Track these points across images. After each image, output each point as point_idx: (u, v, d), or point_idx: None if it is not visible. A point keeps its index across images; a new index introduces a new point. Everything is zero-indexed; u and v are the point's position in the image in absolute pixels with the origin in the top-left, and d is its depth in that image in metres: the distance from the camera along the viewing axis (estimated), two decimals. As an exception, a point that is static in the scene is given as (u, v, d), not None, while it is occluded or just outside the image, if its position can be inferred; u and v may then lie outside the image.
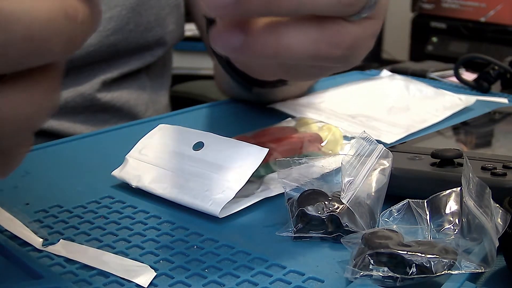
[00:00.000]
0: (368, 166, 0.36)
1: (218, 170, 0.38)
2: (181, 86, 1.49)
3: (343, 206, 0.34)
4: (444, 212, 0.32)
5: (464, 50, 1.81)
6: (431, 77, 0.80)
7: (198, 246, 0.33)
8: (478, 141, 0.54)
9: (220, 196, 0.37)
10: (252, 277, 0.30)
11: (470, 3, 1.88)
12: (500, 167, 0.36)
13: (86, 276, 0.30)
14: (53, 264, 0.31)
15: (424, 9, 1.99)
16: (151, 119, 0.60)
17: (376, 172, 0.36)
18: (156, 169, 0.41)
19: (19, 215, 0.35)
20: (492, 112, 0.59)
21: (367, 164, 0.36)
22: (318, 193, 0.36)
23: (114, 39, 0.69)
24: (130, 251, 0.33)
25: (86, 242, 0.34)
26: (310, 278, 0.30)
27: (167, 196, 0.39)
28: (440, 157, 0.38)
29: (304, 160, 0.40)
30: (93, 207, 0.38)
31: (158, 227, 0.36)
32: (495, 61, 0.73)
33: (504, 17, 1.81)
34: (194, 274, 0.31)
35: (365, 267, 0.29)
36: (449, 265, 0.28)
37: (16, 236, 0.34)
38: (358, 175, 0.35)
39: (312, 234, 0.34)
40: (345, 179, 0.35)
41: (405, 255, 0.28)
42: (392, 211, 0.33)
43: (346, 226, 0.33)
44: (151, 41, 0.73)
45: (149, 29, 0.72)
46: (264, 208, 0.38)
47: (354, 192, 0.34)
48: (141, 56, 0.73)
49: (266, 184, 0.41)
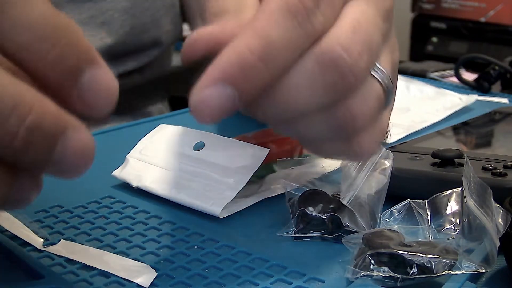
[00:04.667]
0: (369, 166, 0.36)
1: (219, 170, 0.38)
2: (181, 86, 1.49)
3: (343, 206, 0.34)
4: (445, 212, 0.32)
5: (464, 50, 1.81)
6: (431, 77, 0.80)
7: (199, 246, 0.33)
8: (479, 141, 0.54)
9: (221, 196, 0.37)
10: (253, 277, 0.30)
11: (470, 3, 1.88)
12: (501, 167, 0.36)
13: (87, 276, 0.30)
14: (53, 264, 0.31)
15: (424, 9, 1.99)
16: (151, 119, 0.60)
17: (377, 172, 0.36)
18: (156, 169, 0.41)
19: (19, 215, 0.35)
20: (492, 112, 0.59)
21: (367, 164, 0.36)
22: (319, 193, 0.36)
23: (109, 42, 0.68)
24: (131, 251, 0.33)
25: (87, 242, 0.34)
26: (311, 278, 0.30)
27: (167, 196, 0.39)
28: (440, 157, 0.38)
29: (305, 160, 0.40)
30: (94, 207, 0.38)
31: (158, 227, 0.36)
32: (495, 61, 0.73)
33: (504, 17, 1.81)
34: (195, 274, 0.31)
35: (366, 267, 0.29)
36: (449, 265, 0.28)
37: (17, 236, 0.34)
38: (359, 176, 0.35)
39: (313, 234, 0.34)
40: (344, 180, 0.35)
41: (405, 255, 0.28)
42: (393, 211, 0.33)
43: (347, 226, 0.33)
44: (147, 42, 0.73)
45: (144, 30, 0.72)
46: (264, 208, 0.38)
47: (354, 193, 0.34)
48: (137, 57, 0.73)
49: (266, 184, 0.40)
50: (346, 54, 0.27)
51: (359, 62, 0.28)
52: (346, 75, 0.27)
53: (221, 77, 0.26)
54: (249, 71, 0.26)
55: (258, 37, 0.26)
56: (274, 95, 0.27)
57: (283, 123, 0.29)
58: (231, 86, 0.26)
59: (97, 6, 0.68)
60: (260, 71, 0.26)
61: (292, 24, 0.27)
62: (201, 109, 0.26)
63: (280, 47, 0.26)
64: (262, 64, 0.26)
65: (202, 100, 0.26)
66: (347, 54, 0.27)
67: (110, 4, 0.68)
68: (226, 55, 0.26)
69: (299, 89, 0.27)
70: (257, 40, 0.26)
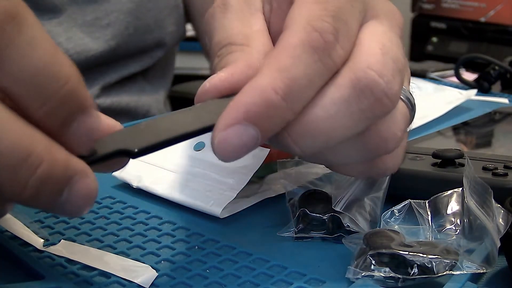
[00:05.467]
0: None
1: (219, 171, 0.38)
2: (181, 86, 1.49)
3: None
4: (446, 213, 0.32)
5: (464, 50, 1.81)
6: (431, 77, 0.80)
7: (200, 247, 0.33)
8: (479, 141, 0.54)
9: (221, 197, 0.37)
10: (253, 278, 0.30)
11: (470, 3, 1.88)
12: (501, 167, 0.36)
13: (87, 276, 0.30)
14: (54, 265, 0.31)
15: (424, 9, 1.99)
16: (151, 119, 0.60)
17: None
18: (157, 170, 0.41)
19: (19, 215, 0.35)
20: (492, 112, 0.59)
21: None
22: (319, 193, 0.36)
23: (113, 44, 0.68)
24: (131, 251, 0.33)
25: (87, 243, 0.34)
26: (311, 279, 0.30)
27: (168, 197, 0.39)
28: (441, 157, 0.38)
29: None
30: (94, 207, 0.38)
31: (159, 228, 0.36)
32: (495, 61, 0.73)
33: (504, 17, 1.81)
34: (195, 274, 0.30)
35: (367, 267, 0.29)
36: (450, 265, 0.28)
37: (17, 237, 0.34)
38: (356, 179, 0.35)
39: (313, 235, 0.34)
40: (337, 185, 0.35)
41: (406, 256, 0.28)
42: (393, 211, 0.33)
43: (347, 227, 0.33)
44: (150, 44, 0.73)
45: (148, 32, 0.72)
46: (265, 209, 0.38)
47: (346, 197, 0.34)
48: (141, 59, 0.73)
49: (267, 185, 0.40)
50: (380, 78, 0.27)
51: (393, 85, 0.28)
52: (381, 99, 0.27)
53: (244, 117, 0.26)
54: (273, 111, 0.26)
55: (282, 75, 0.26)
56: (311, 127, 0.27)
57: (315, 154, 0.29)
58: (254, 125, 0.26)
59: (102, 7, 0.68)
60: (284, 110, 0.26)
61: (314, 60, 0.27)
62: (223, 147, 0.26)
63: (303, 84, 0.26)
64: (285, 103, 0.26)
65: (225, 139, 0.26)
66: (380, 78, 0.27)
67: (114, 6, 0.68)
68: (248, 93, 0.26)
69: (337, 119, 0.27)
70: (280, 79, 0.26)
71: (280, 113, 0.26)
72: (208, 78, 0.29)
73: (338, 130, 0.27)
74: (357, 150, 0.29)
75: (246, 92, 0.26)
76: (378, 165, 0.31)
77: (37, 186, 0.23)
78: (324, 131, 0.27)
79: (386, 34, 0.29)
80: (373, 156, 0.30)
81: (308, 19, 0.27)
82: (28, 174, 0.22)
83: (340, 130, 0.27)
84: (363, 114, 0.27)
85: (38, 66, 0.22)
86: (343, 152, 0.29)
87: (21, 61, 0.22)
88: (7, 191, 0.22)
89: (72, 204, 0.24)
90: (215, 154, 0.26)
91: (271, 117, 0.26)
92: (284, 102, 0.26)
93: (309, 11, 0.27)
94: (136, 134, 0.26)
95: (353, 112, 0.27)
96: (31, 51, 0.22)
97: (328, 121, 0.27)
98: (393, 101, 0.28)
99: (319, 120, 0.27)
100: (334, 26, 0.27)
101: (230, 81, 0.28)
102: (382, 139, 0.29)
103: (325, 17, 0.27)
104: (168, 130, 0.26)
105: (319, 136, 0.27)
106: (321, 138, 0.28)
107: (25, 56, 0.22)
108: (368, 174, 0.32)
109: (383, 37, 0.29)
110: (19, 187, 0.22)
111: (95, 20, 0.67)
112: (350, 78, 0.27)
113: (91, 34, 0.67)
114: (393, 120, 0.29)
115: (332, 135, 0.28)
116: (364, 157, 0.30)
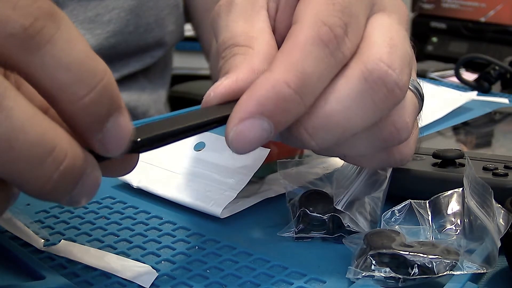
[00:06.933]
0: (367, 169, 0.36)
1: (220, 171, 0.38)
2: (181, 86, 1.49)
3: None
4: (446, 213, 0.32)
5: (464, 50, 1.81)
6: (431, 77, 0.80)
7: (200, 247, 0.33)
8: (479, 141, 0.54)
9: (222, 197, 0.37)
10: (254, 278, 0.30)
11: (470, 3, 1.88)
12: (502, 167, 0.36)
13: (88, 276, 0.30)
14: (54, 265, 0.31)
15: (424, 9, 1.99)
16: (151, 119, 0.60)
17: (378, 172, 0.36)
18: (157, 170, 0.41)
19: (20, 215, 0.35)
20: (492, 112, 0.59)
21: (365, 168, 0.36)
22: (319, 193, 0.36)
23: (113, 41, 0.68)
24: (131, 251, 0.33)
25: (88, 243, 0.34)
26: (312, 279, 0.30)
27: (168, 197, 0.39)
28: (441, 157, 0.38)
29: (305, 160, 0.40)
30: (94, 207, 0.38)
31: (159, 228, 0.36)
32: (495, 61, 0.73)
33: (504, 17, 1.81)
34: (196, 274, 0.30)
35: (367, 267, 0.29)
36: (451, 265, 0.28)
37: (17, 237, 0.33)
38: (357, 178, 0.35)
39: (313, 235, 0.34)
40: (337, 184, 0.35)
41: (407, 256, 0.28)
42: (394, 211, 0.33)
43: (348, 227, 0.33)
44: (150, 42, 0.73)
45: (148, 30, 0.72)
46: (265, 209, 0.38)
47: (347, 196, 0.34)
48: (141, 57, 0.73)
49: (267, 185, 0.40)
50: (391, 70, 0.28)
51: (403, 76, 0.28)
52: (393, 90, 0.28)
53: (258, 111, 0.26)
54: (286, 104, 0.27)
55: (294, 69, 0.27)
56: (327, 120, 0.28)
57: (331, 147, 0.30)
58: (267, 119, 0.26)
59: (103, 3, 0.68)
60: (296, 103, 0.27)
61: (325, 53, 0.27)
62: (238, 141, 0.27)
63: (315, 78, 0.27)
64: (298, 96, 0.27)
65: (240, 132, 0.26)
66: (391, 70, 0.28)
67: (115, 3, 0.68)
68: (261, 87, 0.27)
69: (352, 111, 0.28)
70: (292, 73, 0.27)
71: (292, 106, 0.27)
72: (212, 86, 0.29)
73: (353, 122, 0.28)
74: (371, 140, 0.30)
75: (259, 86, 0.27)
76: (395, 154, 0.32)
77: (59, 180, 0.22)
78: (340, 123, 0.28)
79: (393, 27, 0.30)
80: (386, 145, 0.31)
81: (317, 13, 0.28)
82: (53, 167, 0.22)
83: (355, 121, 0.28)
84: (376, 105, 0.28)
85: (77, 60, 0.22)
86: (357, 144, 0.30)
87: (61, 54, 0.22)
88: (30, 183, 0.22)
89: (80, 195, 0.24)
90: (229, 146, 0.27)
91: (284, 110, 0.27)
92: (297, 95, 0.27)
93: (318, 5, 0.28)
94: (143, 129, 0.26)
95: (366, 103, 0.28)
96: (70, 46, 0.22)
97: (344, 113, 0.28)
98: (403, 91, 0.29)
99: (335, 113, 0.28)
100: (343, 19, 0.28)
101: (234, 88, 0.29)
102: (395, 129, 0.30)
103: (334, 11, 0.28)
104: (175, 124, 0.27)
105: (335, 129, 0.28)
106: (337, 131, 0.28)
107: (65, 50, 0.22)
108: (386, 164, 0.33)
109: (390, 30, 0.30)
110: (42, 181, 0.22)
111: (96, 16, 0.67)
112: (362, 70, 0.28)
113: (91, 30, 0.67)
114: (405, 110, 0.30)
115: (347, 127, 0.28)
116: (378, 148, 0.31)
